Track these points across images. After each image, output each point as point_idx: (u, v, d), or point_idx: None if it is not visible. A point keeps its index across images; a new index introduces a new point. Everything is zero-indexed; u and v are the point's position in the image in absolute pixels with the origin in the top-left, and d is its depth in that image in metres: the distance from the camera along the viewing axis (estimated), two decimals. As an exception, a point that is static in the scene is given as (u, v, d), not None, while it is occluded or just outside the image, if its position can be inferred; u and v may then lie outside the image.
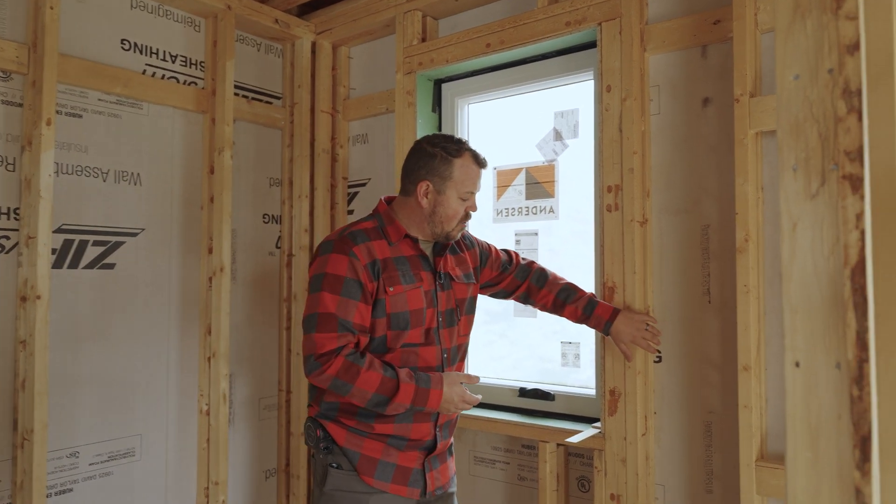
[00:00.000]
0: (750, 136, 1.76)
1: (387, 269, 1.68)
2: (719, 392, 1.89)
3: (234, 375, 2.66)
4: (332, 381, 1.59)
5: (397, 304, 1.67)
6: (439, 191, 1.71)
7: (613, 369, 1.96)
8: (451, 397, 1.66)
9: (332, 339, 1.60)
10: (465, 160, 1.72)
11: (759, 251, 1.77)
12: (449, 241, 1.77)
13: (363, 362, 1.59)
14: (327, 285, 1.63)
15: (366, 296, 1.64)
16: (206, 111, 2.53)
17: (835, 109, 0.77)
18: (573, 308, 1.93)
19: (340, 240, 1.68)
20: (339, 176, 2.83)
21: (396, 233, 1.73)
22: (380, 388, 1.59)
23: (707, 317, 1.92)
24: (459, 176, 1.71)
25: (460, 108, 2.56)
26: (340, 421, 1.70)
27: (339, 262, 1.64)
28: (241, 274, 2.70)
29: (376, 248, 1.69)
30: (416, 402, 1.61)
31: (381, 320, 1.67)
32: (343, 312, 1.61)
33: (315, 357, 1.60)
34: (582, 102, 2.29)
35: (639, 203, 1.96)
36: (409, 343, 1.69)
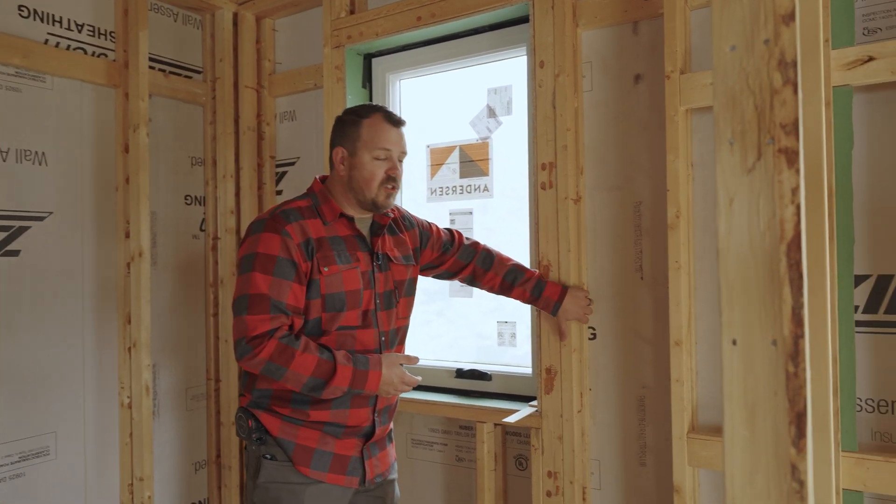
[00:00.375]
0: (681, 113, 1.77)
1: (321, 249, 1.61)
2: (652, 367, 1.92)
3: (158, 366, 2.53)
4: (265, 364, 1.52)
5: (332, 284, 1.61)
6: (352, 153, 1.66)
7: (549, 348, 1.96)
8: (391, 379, 1.61)
9: (264, 321, 1.53)
10: (375, 119, 1.67)
11: (689, 227, 1.79)
12: (379, 210, 1.69)
13: (298, 344, 1.53)
14: (259, 265, 1.56)
15: (299, 276, 1.57)
16: (118, 85, 2.36)
17: (770, 81, 0.75)
18: (521, 290, 1.91)
19: (272, 218, 1.61)
20: (267, 155, 2.71)
21: (331, 212, 1.67)
22: (316, 371, 1.53)
23: (640, 293, 1.94)
24: (368, 135, 1.65)
25: (391, 83, 2.49)
26: (273, 410, 1.63)
27: (271, 242, 1.57)
28: (162, 259, 2.55)
29: (310, 227, 1.62)
30: (354, 385, 1.56)
31: (316, 301, 1.60)
32: (276, 293, 1.55)
33: (247, 340, 1.53)
34: (515, 79, 2.25)
35: (573, 180, 1.95)
36: (346, 325, 1.63)
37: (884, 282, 1.60)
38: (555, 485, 1.93)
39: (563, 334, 1.92)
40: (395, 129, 1.69)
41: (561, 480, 1.93)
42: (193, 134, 2.68)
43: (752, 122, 0.78)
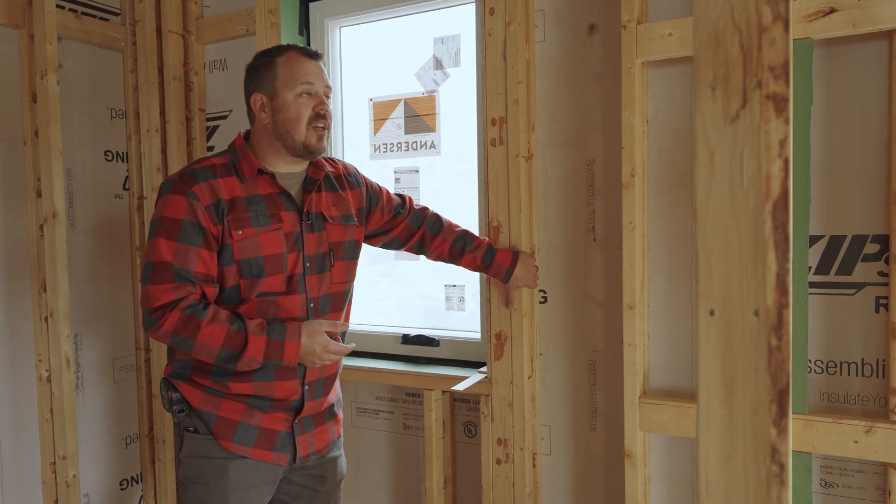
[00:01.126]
0: (637, 66, 1.68)
1: (234, 210, 1.46)
2: (603, 330, 1.87)
3: (81, 336, 2.35)
4: (171, 337, 1.43)
5: (247, 248, 1.47)
6: (272, 96, 1.51)
7: (499, 312, 1.88)
8: (312, 348, 1.48)
9: (167, 291, 1.42)
10: (289, 55, 1.52)
11: (644, 187, 1.73)
12: (312, 155, 1.54)
13: (205, 315, 1.41)
14: (163, 230, 1.43)
15: (209, 241, 1.44)
16: (21, 25, 2.11)
17: (759, 16, 0.66)
18: (471, 257, 1.80)
19: (181, 178, 1.47)
20: (195, 107, 2.50)
21: (250, 168, 1.52)
22: (226, 343, 1.42)
23: (592, 255, 1.87)
24: (285, 72, 1.50)
25: (331, 31, 2.31)
26: (194, 380, 1.53)
27: (177, 204, 1.44)
28: (80, 220, 2.34)
29: (223, 187, 1.47)
30: (269, 356, 1.44)
31: (231, 268, 1.47)
32: (181, 261, 1.42)
33: (150, 311, 1.43)
34: (464, 28, 2.12)
35: (524, 137, 1.85)
36: (267, 292, 1.50)
37: (836, 242, 1.57)
38: (504, 452, 1.88)
39: (511, 301, 1.84)
40: (313, 63, 1.53)
41: (511, 447, 1.88)
42: (112, 83, 2.44)
43: (736, 63, 0.68)
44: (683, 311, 1.75)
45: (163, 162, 2.48)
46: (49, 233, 2.12)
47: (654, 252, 1.77)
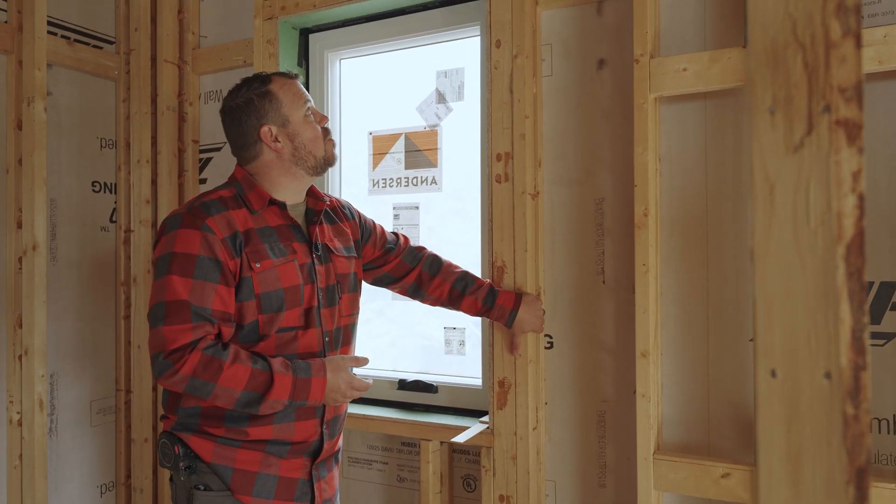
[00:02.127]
0: (650, 101, 1.61)
1: (251, 242, 1.39)
2: (613, 379, 1.75)
3: (58, 375, 2.22)
4: (188, 381, 1.29)
5: (267, 281, 1.39)
6: (283, 124, 1.46)
7: (503, 358, 1.77)
8: (337, 384, 1.39)
9: (185, 332, 1.30)
10: (279, 81, 1.48)
11: (657, 227, 1.64)
12: (332, 165, 1.54)
13: (226, 355, 1.30)
14: (176, 267, 1.32)
15: (226, 276, 1.34)
16: (9, 51, 2.04)
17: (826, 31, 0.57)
18: (472, 300, 1.69)
19: (190, 212, 1.37)
20: (189, 138, 2.42)
21: (259, 199, 1.44)
22: (250, 384, 1.30)
23: (601, 298, 1.77)
24: (287, 96, 1.47)
25: (331, 63, 2.25)
26: (205, 431, 1.39)
27: (190, 238, 1.33)
28: (63, 253, 2.24)
29: (236, 219, 1.39)
30: (295, 396, 1.34)
31: (250, 303, 1.37)
32: (198, 298, 1.31)
33: (165, 354, 1.29)
34: (468, 61, 2.06)
35: (531, 173, 1.77)
36: (287, 327, 1.41)
37: (863, 289, 1.48)
38: (506, 509, 1.75)
39: (515, 347, 1.73)
40: (298, 82, 1.52)
41: (513, 505, 1.74)
42: (103, 112, 2.36)
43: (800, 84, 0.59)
44: (698, 360, 1.64)
45: (152, 194, 2.38)
46: (28, 265, 2.01)
47: (666, 296, 1.68)
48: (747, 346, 1.58)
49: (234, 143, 1.49)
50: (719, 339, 1.62)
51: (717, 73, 1.53)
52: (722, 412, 1.62)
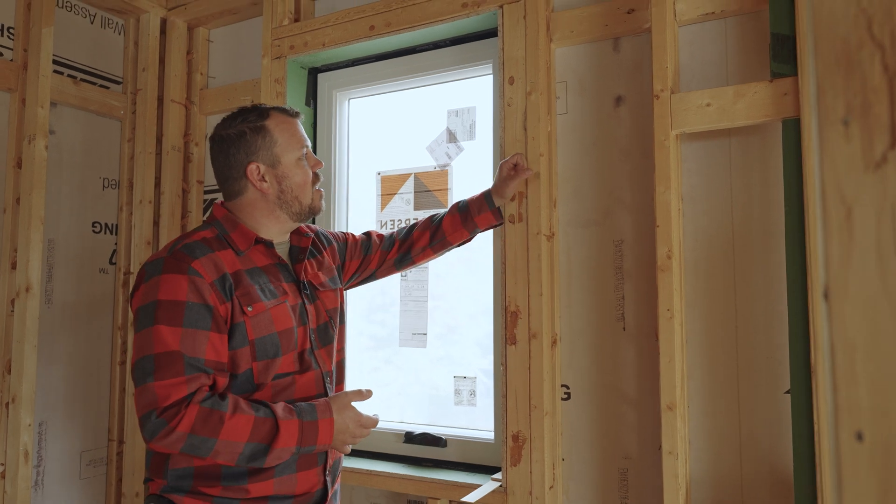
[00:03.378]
0: (672, 138, 1.53)
1: (241, 285, 1.29)
2: (635, 434, 1.63)
3: (46, 425, 2.11)
4: (186, 440, 1.17)
5: (261, 326, 1.28)
6: (273, 164, 1.36)
7: (517, 410, 1.65)
8: (345, 424, 1.28)
9: (179, 386, 1.18)
10: (276, 118, 1.38)
11: (681, 270, 1.54)
12: (316, 214, 1.44)
13: (226, 406, 1.19)
14: (163, 316, 1.20)
15: (218, 323, 1.24)
16: (13, 89, 2.00)
17: (909, 28, 0.49)
18: (450, 219, 1.66)
19: (173, 255, 1.26)
20: (194, 179, 2.37)
21: (244, 238, 1.35)
22: (254, 435, 1.19)
23: (621, 345, 1.66)
24: (282, 136, 1.37)
25: (339, 102, 2.20)
26: (199, 492, 1.26)
27: (176, 284, 1.23)
28: (59, 296, 2.16)
29: (223, 260, 1.29)
30: (303, 443, 1.23)
31: (244, 350, 1.27)
32: (190, 348, 1.20)
33: (158, 413, 1.17)
34: (479, 100, 2.00)
35: (546, 213, 1.69)
36: (283, 373, 1.31)
37: None
38: (521, 577, 1.60)
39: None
40: (299, 122, 1.43)
41: (528, 572, 1.60)
42: (107, 152, 2.32)
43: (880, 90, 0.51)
44: (729, 414, 1.52)
45: (154, 235, 2.32)
46: (20, 308, 1.93)
47: (692, 344, 1.57)
48: (783, 399, 1.46)
49: (219, 174, 1.40)
50: (751, 391, 1.50)
51: (743, 109, 1.45)
52: (757, 471, 1.48)
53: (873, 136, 0.49)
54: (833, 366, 0.49)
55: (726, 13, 1.56)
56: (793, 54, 1.40)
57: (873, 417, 0.47)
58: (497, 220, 1.68)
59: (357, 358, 2.16)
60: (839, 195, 0.49)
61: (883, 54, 0.49)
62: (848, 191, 0.49)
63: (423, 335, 2.02)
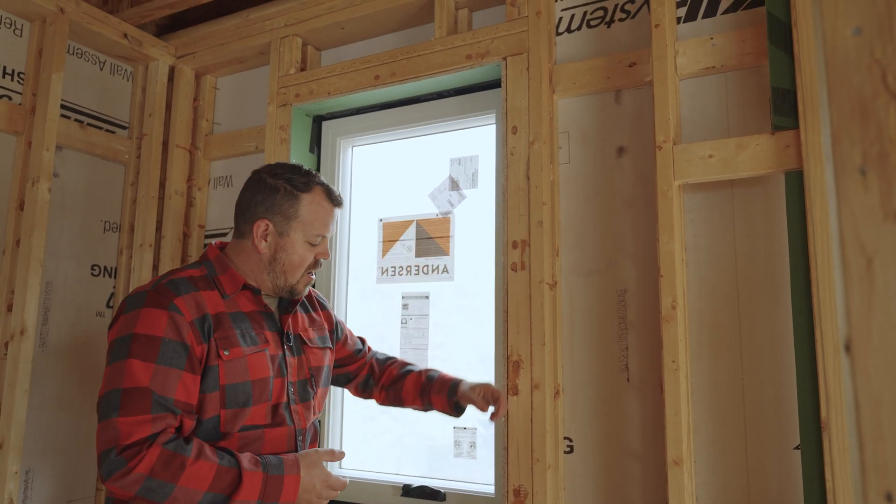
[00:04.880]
0: (675, 188, 1.54)
1: (220, 328, 1.26)
2: (641, 489, 1.58)
3: (33, 472, 2.05)
4: (143, 482, 1.12)
5: (234, 372, 1.25)
6: (281, 232, 1.35)
7: (518, 463, 1.61)
8: (312, 483, 1.24)
9: (143, 424, 1.14)
10: (316, 195, 1.37)
11: (685, 321, 1.52)
12: (293, 297, 1.40)
13: (189, 450, 1.16)
14: (137, 350, 1.18)
15: (192, 363, 1.22)
16: (20, 132, 2.02)
17: (924, 78, 0.49)
18: (415, 378, 1.61)
19: (157, 290, 1.25)
20: (195, 223, 2.37)
21: (232, 283, 1.34)
22: (214, 485, 1.15)
23: (625, 398, 1.63)
24: (308, 215, 1.36)
25: (343, 150, 2.22)
26: None
27: (155, 319, 1.20)
28: (54, 339, 2.12)
29: (206, 301, 1.28)
30: (265, 498, 1.18)
31: (213, 395, 1.24)
32: (160, 386, 1.17)
33: (118, 451, 1.12)
34: (482, 149, 2.02)
35: (548, 262, 1.68)
36: (252, 425, 1.28)
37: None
38: None
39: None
40: (336, 209, 1.41)
41: None
42: (110, 195, 2.32)
43: (896, 139, 0.51)
44: (737, 469, 1.48)
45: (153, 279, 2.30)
46: (13, 352, 1.90)
47: (697, 396, 1.54)
48: (793, 455, 1.42)
49: (238, 208, 1.41)
50: (759, 446, 1.46)
51: (746, 160, 1.46)
52: (767, 531, 1.43)
53: (892, 185, 0.49)
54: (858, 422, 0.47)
55: (727, 67, 1.58)
56: (794, 108, 1.42)
57: (903, 476, 0.45)
58: (450, 412, 1.59)
59: (353, 406, 2.11)
60: (859, 245, 0.48)
61: (898, 104, 0.48)
62: (868, 241, 0.48)
63: (423, 384, 1.98)
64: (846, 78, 0.50)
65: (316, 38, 2.19)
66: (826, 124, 0.52)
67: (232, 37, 2.28)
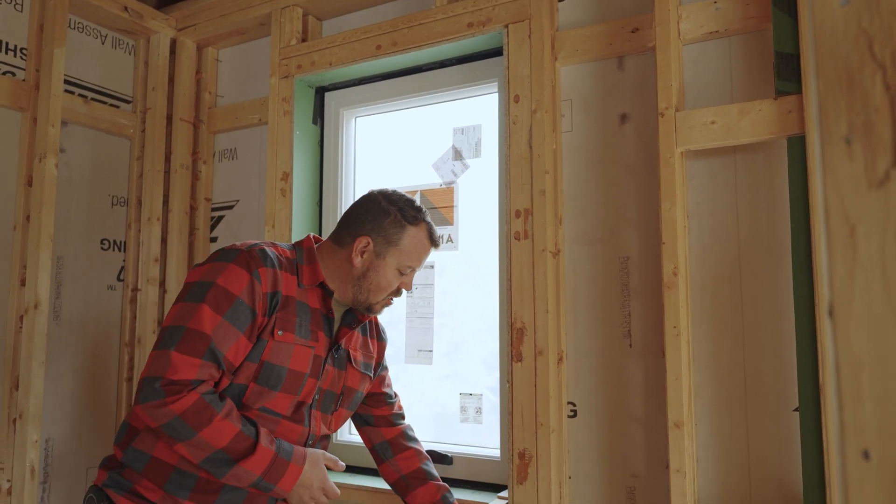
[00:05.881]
0: (677, 156, 1.54)
1: (285, 309, 1.32)
2: (643, 452, 1.62)
3: (53, 441, 2.11)
4: (170, 419, 1.17)
5: (279, 354, 1.30)
6: (378, 254, 1.39)
7: (523, 427, 1.64)
8: (311, 481, 1.28)
9: (191, 366, 1.20)
10: (420, 231, 1.42)
11: (687, 287, 1.54)
12: (368, 315, 1.45)
13: (221, 407, 1.20)
14: (212, 299, 1.23)
15: (252, 330, 1.27)
16: (25, 108, 2.03)
17: (910, 49, 0.50)
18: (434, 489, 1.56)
19: (248, 252, 1.30)
20: (201, 196, 2.39)
21: (312, 276, 1.38)
22: (230, 445, 1.20)
23: (628, 363, 1.66)
24: (408, 246, 1.40)
25: (346, 120, 2.22)
26: (138, 493, 1.27)
27: (238, 277, 1.26)
28: (67, 312, 2.17)
29: (284, 281, 1.33)
30: (267, 476, 1.22)
31: (251, 366, 1.29)
32: (219, 339, 1.22)
33: (163, 383, 1.17)
34: (485, 118, 2.02)
35: (551, 231, 1.69)
36: (273, 410, 1.32)
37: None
38: None
39: None
40: (431, 250, 1.46)
41: (535, 593, 1.58)
42: (116, 170, 2.34)
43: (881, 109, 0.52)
44: (737, 432, 1.51)
45: (161, 252, 2.33)
46: (28, 325, 1.94)
47: (699, 362, 1.56)
48: (792, 417, 1.45)
49: (347, 218, 1.45)
50: (759, 409, 1.49)
51: (748, 126, 1.46)
52: (765, 490, 1.47)
53: (876, 155, 0.50)
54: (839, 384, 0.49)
55: (730, 31, 1.57)
56: (797, 72, 1.41)
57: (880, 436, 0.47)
58: None
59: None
60: (843, 213, 0.50)
61: (884, 74, 0.49)
62: (851, 209, 0.50)
63: (429, 352, 2.02)
64: (834, 48, 0.51)
65: (317, 8, 2.18)
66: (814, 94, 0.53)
67: (232, 7, 2.27)
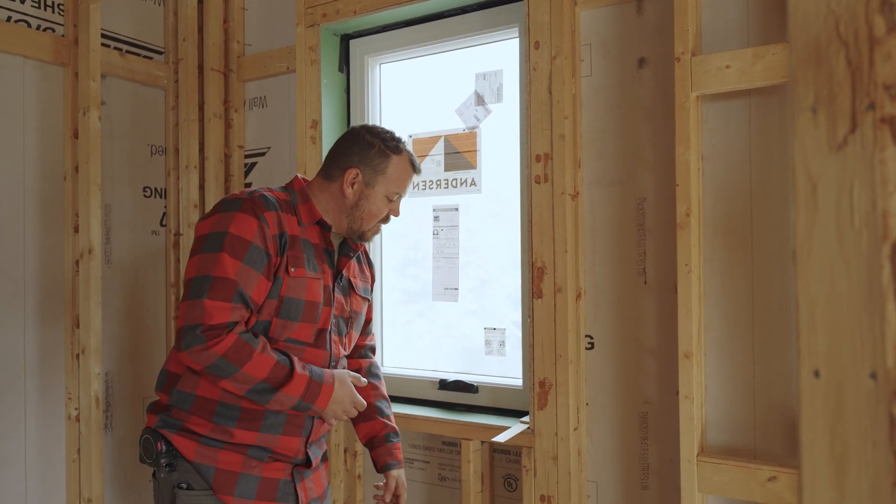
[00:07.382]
0: (692, 100, 1.59)
1: (293, 247, 1.44)
2: (655, 380, 1.74)
3: (113, 374, 2.31)
4: (215, 360, 1.31)
5: (295, 288, 1.43)
6: (368, 183, 1.51)
7: (543, 358, 1.77)
8: (342, 397, 1.44)
9: (225, 310, 1.33)
10: (403, 159, 1.54)
11: (700, 227, 1.62)
12: (361, 241, 1.57)
13: (257, 343, 1.35)
14: (229, 247, 1.35)
15: (269, 270, 1.40)
16: (66, 63, 2.13)
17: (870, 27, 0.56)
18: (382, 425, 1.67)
19: (251, 199, 1.42)
20: (235, 144, 2.49)
21: (309, 214, 1.50)
22: (270, 375, 1.34)
23: (643, 299, 1.76)
24: (393, 173, 1.53)
25: (371, 67, 2.28)
26: (190, 430, 1.42)
27: (247, 224, 1.38)
28: (116, 256, 2.32)
29: (286, 222, 1.45)
30: (306, 397, 1.38)
31: (272, 303, 1.41)
32: (244, 282, 1.35)
33: (203, 329, 1.31)
34: (506, 63, 2.07)
35: (570, 174, 1.77)
36: (297, 339, 1.45)
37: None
38: (548, 510, 1.75)
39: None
40: (413, 176, 1.58)
41: (555, 505, 1.74)
42: (153, 120, 2.45)
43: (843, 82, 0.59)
44: (744, 361, 1.62)
45: (200, 199, 2.46)
46: (84, 268, 2.10)
47: (710, 297, 1.65)
48: (793, 348, 1.55)
49: (332, 154, 1.55)
50: (764, 341, 1.59)
51: (762, 70, 1.50)
52: (768, 414, 1.59)
53: (837, 123, 0.58)
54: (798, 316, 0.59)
55: (748, -26, 1.58)
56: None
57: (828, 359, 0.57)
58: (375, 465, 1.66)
59: (391, 312, 2.29)
60: (807, 173, 0.58)
61: (847, 51, 0.57)
62: (814, 169, 0.58)
63: (455, 290, 2.14)
64: (805, 27, 0.59)
65: (339, -45, 2.20)
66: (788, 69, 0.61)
67: (257, -44, 2.31)
